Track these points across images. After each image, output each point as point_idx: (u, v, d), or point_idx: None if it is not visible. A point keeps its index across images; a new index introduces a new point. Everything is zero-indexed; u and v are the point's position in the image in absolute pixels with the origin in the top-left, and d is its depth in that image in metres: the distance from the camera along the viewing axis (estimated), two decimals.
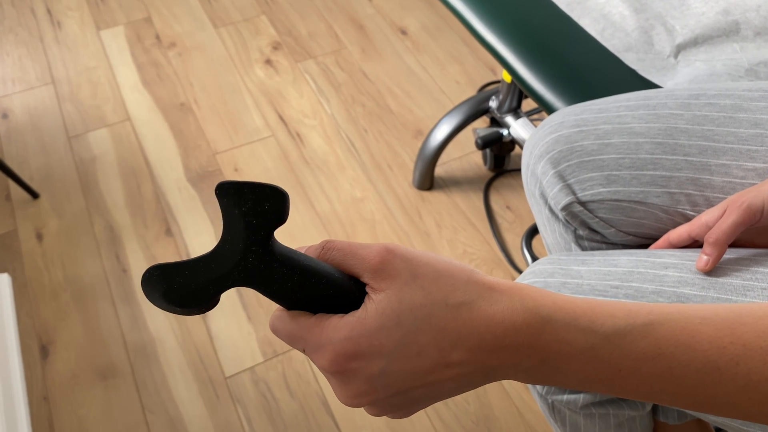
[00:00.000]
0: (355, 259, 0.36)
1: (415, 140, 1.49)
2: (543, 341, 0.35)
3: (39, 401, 1.11)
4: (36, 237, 1.33)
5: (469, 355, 0.35)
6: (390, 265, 0.36)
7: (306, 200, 1.38)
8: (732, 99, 0.60)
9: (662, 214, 0.61)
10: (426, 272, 0.36)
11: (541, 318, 0.35)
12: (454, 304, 0.35)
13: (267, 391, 1.12)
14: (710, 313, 0.35)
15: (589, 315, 0.36)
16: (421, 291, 0.35)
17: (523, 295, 0.36)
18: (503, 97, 1.25)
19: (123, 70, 1.64)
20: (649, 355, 0.34)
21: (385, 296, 0.35)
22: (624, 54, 0.81)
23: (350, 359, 0.35)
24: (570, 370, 0.36)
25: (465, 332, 0.35)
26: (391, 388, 0.36)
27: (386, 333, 0.35)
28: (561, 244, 0.68)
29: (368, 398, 0.36)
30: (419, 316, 0.35)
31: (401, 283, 0.35)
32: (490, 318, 0.35)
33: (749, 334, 0.33)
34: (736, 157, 0.58)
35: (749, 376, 0.33)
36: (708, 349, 0.34)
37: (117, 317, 1.21)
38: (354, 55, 1.68)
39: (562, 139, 0.64)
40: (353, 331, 0.35)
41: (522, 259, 1.28)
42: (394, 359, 0.35)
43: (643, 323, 0.35)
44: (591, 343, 0.35)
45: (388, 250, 0.36)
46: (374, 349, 0.35)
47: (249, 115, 1.54)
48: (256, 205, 0.32)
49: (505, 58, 0.85)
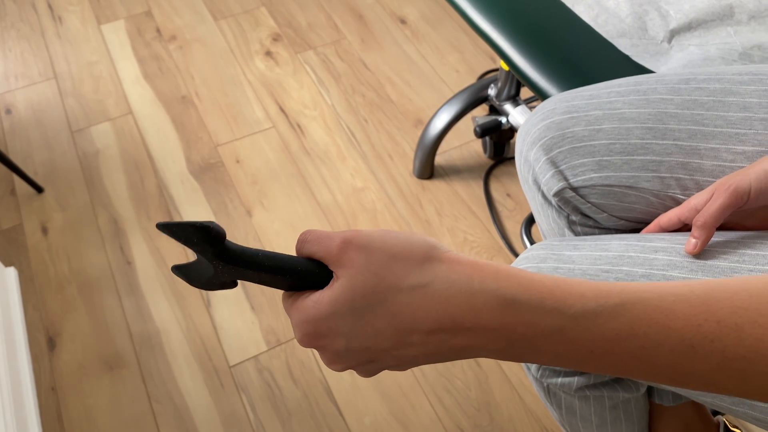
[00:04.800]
0: (320, 249, 0.39)
1: (415, 129, 1.49)
2: (508, 324, 0.35)
3: (47, 392, 1.13)
4: (41, 231, 1.34)
5: (427, 337, 0.36)
6: (345, 255, 0.37)
7: (307, 191, 1.39)
8: (721, 83, 0.61)
9: (653, 199, 0.61)
10: (380, 258, 0.37)
11: (503, 300, 0.35)
12: (407, 288, 0.36)
13: (271, 380, 1.13)
14: (685, 289, 0.35)
15: (556, 295, 0.35)
16: (374, 278, 0.37)
17: (483, 276, 0.36)
18: (502, 85, 1.25)
19: (124, 64, 1.65)
20: (622, 335, 0.34)
21: (339, 284, 0.37)
22: (618, 40, 0.82)
23: (313, 338, 0.38)
24: (540, 350, 0.36)
25: (420, 315, 0.36)
26: (360, 358, 0.39)
27: (340, 317, 0.37)
28: (555, 229, 0.69)
29: (342, 365, 0.40)
30: (372, 302, 0.37)
31: (355, 272, 0.37)
32: (445, 301, 0.36)
33: (724, 310, 0.33)
34: (725, 140, 0.58)
35: (724, 353, 0.33)
36: (682, 327, 0.33)
37: (122, 309, 1.22)
38: (353, 45, 1.68)
39: (553, 126, 0.64)
40: (309, 315, 0.38)
41: (522, 246, 1.28)
42: (353, 338, 0.38)
43: (614, 303, 0.35)
44: (559, 324, 0.35)
45: (345, 241, 0.38)
46: (332, 330, 0.38)
47: (250, 107, 1.55)
48: (188, 241, 0.37)
49: (499, 45, 0.85)
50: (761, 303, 0.33)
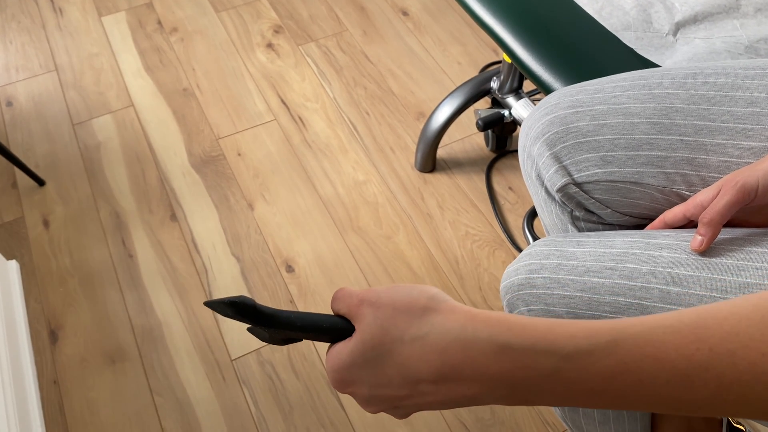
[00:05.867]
0: (343, 306, 0.43)
1: (417, 122, 1.49)
2: (504, 369, 0.36)
3: (49, 385, 1.13)
4: (43, 224, 1.34)
5: (436, 386, 0.38)
6: (359, 311, 0.41)
7: (309, 184, 1.38)
8: (728, 77, 0.60)
9: (658, 195, 0.61)
10: (386, 312, 0.40)
11: (497, 346, 0.36)
12: (409, 339, 0.39)
13: (273, 373, 1.13)
14: (674, 320, 0.35)
15: (548, 337, 0.36)
16: (381, 330, 0.39)
17: (476, 324, 0.38)
18: (504, 77, 1.24)
19: (125, 56, 1.65)
20: (617, 371, 0.34)
21: (354, 337, 0.41)
22: (622, 33, 0.81)
23: (342, 385, 0.42)
24: (543, 392, 0.37)
25: (423, 367, 0.38)
26: (386, 404, 0.42)
27: (358, 367, 0.40)
28: (558, 225, 0.69)
29: (374, 409, 0.43)
30: (381, 353, 0.39)
31: (365, 326, 0.40)
32: (443, 351, 0.38)
33: (715, 338, 0.33)
34: (732, 136, 0.58)
35: (720, 380, 0.33)
36: (675, 358, 0.33)
37: (124, 302, 1.22)
38: (355, 37, 1.67)
39: (557, 121, 0.63)
40: (334, 365, 0.42)
41: (524, 240, 1.28)
42: (373, 386, 0.41)
43: (606, 341, 0.35)
44: (555, 365, 0.36)
45: (360, 300, 0.41)
46: (354, 378, 0.41)
47: (251, 100, 1.54)
48: (224, 314, 0.42)
49: (501, 37, 0.85)
50: (750, 326, 0.33)
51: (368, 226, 1.32)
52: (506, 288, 0.59)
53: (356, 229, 1.31)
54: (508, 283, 0.59)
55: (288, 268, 1.26)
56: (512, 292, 0.59)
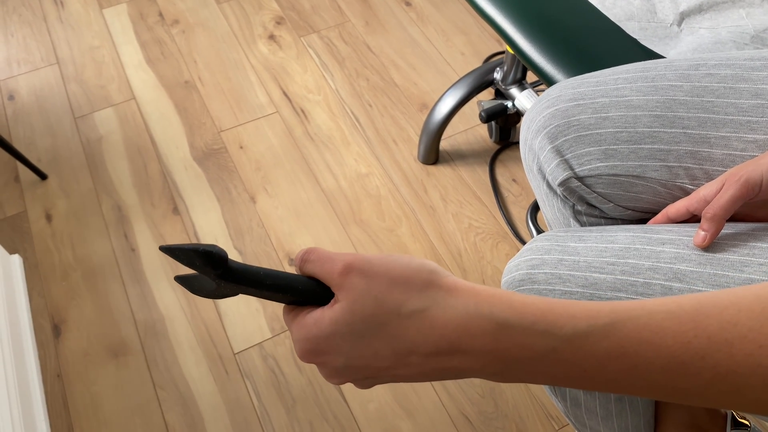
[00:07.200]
0: (323, 271, 0.40)
1: (419, 114, 1.48)
2: (502, 347, 0.36)
3: (53, 379, 1.13)
4: (45, 218, 1.34)
5: (426, 358, 0.37)
6: (347, 279, 0.38)
7: (311, 176, 1.38)
8: (733, 69, 0.59)
9: (661, 189, 0.60)
10: (381, 283, 0.38)
11: (497, 323, 0.36)
12: (406, 313, 0.37)
13: (275, 366, 1.13)
14: (674, 306, 0.34)
15: (548, 317, 0.36)
16: (374, 302, 0.38)
17: (478, 300, 0.37)
18: (508, 68, 1.23)
19: (127, 49, 1.64)
20: (613, 355, 0.34)
21: (339, 306, 0.38)
22: (626, 23, 0.80)
23: (313, 355, 0.40)
24: (536, 372, 0.36)
25: (419, 340, 0.37)
26: (358, 375, 0.40)
27: (340, 337, 0.38)
28: (560, 219, 0.68)
29: (340, 380, 0.41)
30: (372, 325, 0.38)
31: (356, 296, 0.38)
32: (443, 326, 0.37)
33: (713, 326, 0.33)
34: (736, 128, 0.57)
35: (716, 369, 0.32)
36: (672, 344, 0.33)
37: (126, 296, 1.22)
38: (357, 28, 1.66)
39: (559, 114, 0.63)
40: (309, 333, 0.39)
41: (528, 232, 1.27)
42: (352, 357, 0.39)
43: (604, 323, 0.35)
44: (552, 345, 0.35)
45: (347, 266, 0.39)
46: (331, 349, 0.39)
47: (253, 92, 1.54)
48: (191, 264, 0.38)
49: (503, 28, 0.83)
50: (751, 318, 0.32)
51: (371, 218, 1.31)
52: (507, 283, 0.59)
53: (359, 221, 1.31)
54: (509, 278, 0.59)
55: (290, 260, 1.26)
56: (513, 288, 0.58)
